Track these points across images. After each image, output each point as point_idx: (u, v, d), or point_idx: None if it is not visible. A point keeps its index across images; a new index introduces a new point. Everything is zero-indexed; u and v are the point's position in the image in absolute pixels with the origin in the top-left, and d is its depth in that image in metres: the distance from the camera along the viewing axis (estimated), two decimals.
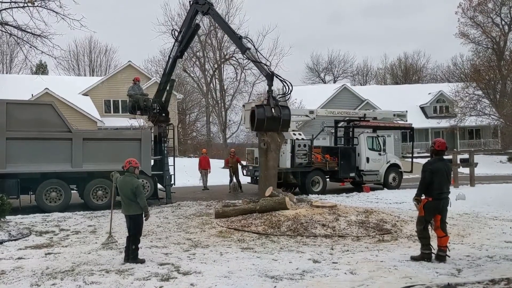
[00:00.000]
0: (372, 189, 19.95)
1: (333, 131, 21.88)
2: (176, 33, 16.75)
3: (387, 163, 20.63)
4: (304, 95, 41.25)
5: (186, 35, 16.44)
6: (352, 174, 19.82)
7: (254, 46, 15.48)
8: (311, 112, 20.47)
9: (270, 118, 13.24)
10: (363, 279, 6.88)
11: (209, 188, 20.72)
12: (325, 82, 68.57)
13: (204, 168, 21.15)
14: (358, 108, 37.30)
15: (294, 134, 18.70)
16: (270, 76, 14.01)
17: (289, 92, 13.95)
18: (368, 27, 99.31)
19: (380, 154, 20.46)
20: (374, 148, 20.42)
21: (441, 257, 7.85)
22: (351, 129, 20.73)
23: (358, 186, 20.14)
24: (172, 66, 17.03)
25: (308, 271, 7.36)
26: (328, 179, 19.79)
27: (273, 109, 13.41)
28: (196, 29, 16.81)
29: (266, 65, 14.72)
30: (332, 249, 9.00)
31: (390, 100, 41.42)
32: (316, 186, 18.96)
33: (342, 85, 45.73)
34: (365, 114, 21.49)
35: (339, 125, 21.68)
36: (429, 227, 7.98)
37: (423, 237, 7.98)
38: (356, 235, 10.19)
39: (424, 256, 7.92)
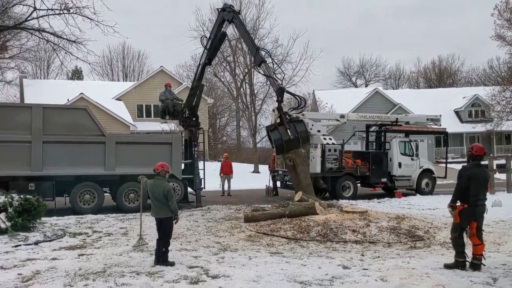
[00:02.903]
0: (404, 194, 19.57)
1: (364, 135, 21.61)
2: (205, 40, 16.92)
3: (420, 168, 20.20)
4: (335, 99, 40.96)
5: (213, 42, 16.60)
6: (384, 180, 19.50)
7: (270, 57, 15.68)
8: (342, 116, 20.27)
9: (288, 140, 13.14)
10: (394, 286, 6.74)
11: (232, 194, 20.09)
12: (356, 86, 67.93)
13: (226, 173, 20.50)
14: (390, 113, 36.77)
15: (325, 139, 18.55)
16: (280, 92, 14.01)
17: (303, 106, 13.81)
18: (400, 29, 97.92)
19: (412, 159, 20.07)
20: (407, 153, 20.04)
21: (476, 266, 7.60)
22: (383, 134, 20.42)
23: (390, 192, 19.79)
24: (201, 73, 17.24)
25: (338, 277, 7.27)
26: (359, 185, 19.53)
27: (288, 129, 13.30)
28: (222, 37, 16.93)
29: (277, 79, 14.69)
30: (363, 255, 8.86)
31: (423, 104, 40.70)
32: (346, 192, 18.74)
33: (374, 89, 45.20)
34: (397, 119, 21.14)
35: (371, 129, 21.40)
36: (464, 234, 7.75)
37: (458, 245, 7.76)
38: (387, 241, 10.01)
39: (458, 264, 7.69)
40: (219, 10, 16.56)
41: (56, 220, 13.08)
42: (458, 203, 7.75)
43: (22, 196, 10.95)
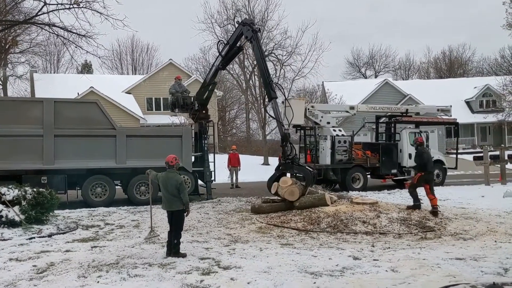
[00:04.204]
0: None
1: (374, 127, 21.52)
2: (221, 46, 16.78)
3: None
4: (344, 91, 40.75)
5: (228, 53, 16.49)
6: (394, 171, 19.43)
7: (283, 93, 15.72)
8: (352, 107, 20.20)
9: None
10: (405, 277, 6.76)
11: (241, 186, 20.24)
12: (366, 77, 67.51)
13: (234, 165, 20.53)
14: (400, 103, 36.53)
15: (334, 130, 18.52)
16: (285, 137, 14.33)
17: (291, 157, 14.27)
18: (410, 18, 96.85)
19: None
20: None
21: (435, 213, 11.30)
22: (392, 125, 20.29)
23: (400, 183, 19.74)
24: (214, 75, 17.25)
25: (348, 268, 7.30)
26: (369, 176, 19.49)
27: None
28: (238, 51, 16.85)
29: (284, 125, 14.90)
30: (373, 246, 8.88)
31: (434, 94, 40.37)
32: (356, 183, 18.72)
33: (384, 80, 44.91)
34: (407, 109, 21.00)
35: (381, 120, 21.29)
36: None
37: (414, 195, 11.93)
38: (397, 232, 10.01)
39: (416, 206, 11.66)
40: (239, 22, 16.18)
41: (69, 213, 13.24)
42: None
43: (35, 189, 11.10)
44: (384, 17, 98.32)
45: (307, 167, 14.47)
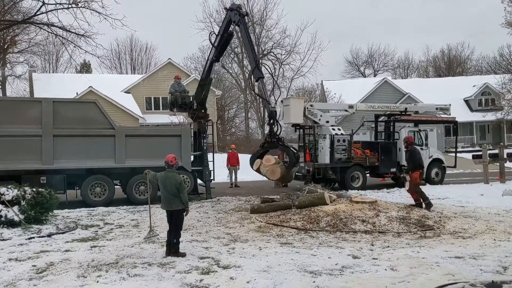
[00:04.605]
0: None
1: (373, 125, 21.52)
2: (214, 37, 16.76)
3: (429, 158, 20.11)
4: (343, 90, 40.80)
5: (220, 41, 16.51)
6: (393, 170, 19.45)
7: (270, 72, 15.66)
8: (351, 106, 20.21)
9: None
10: (404, 275, 6.77)
11: (240, 185, 20.14)
12: (365, 76, 67.51)
13: (233, 164, 20.41)
14: (399, 102, 36.56)
15: (333, 129, 18.53)
16: (272, 115, 14.44)
17: (278, 134, 14.44)
18: (409, 15, 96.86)
19: (422, 149, 19.93)
20: (416, 142, 19.91)
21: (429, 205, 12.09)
22: (392, 124, 20.32)
23: (399, 182, 19.74)
24: (209, 68, 17.27)
25: (348, 266, 7.31)
26: (368, 175, 19.50)
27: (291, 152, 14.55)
28: (228, 38, 16.74)
29: (270, 104, 15.05)
30: (372, 245, 8.89)
31: (433, 93, 40.39)
32: (356, 182, 18.73)
33: (383, 79, 44.93)
34: (406, 108, 21.01)
35: (380, 119, 21.30)
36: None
37: (424, 195, 12.25)
38: (397, 231, 10.02)
39: (430, 204, 12.07)
40: (227, 9, 16.28)
41: (68, 212, 13.24)
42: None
43: (34, 189, 11.09)
44: (383, 15, 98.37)
45: (292, 148, 14.60)
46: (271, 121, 14.40)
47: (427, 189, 17.94)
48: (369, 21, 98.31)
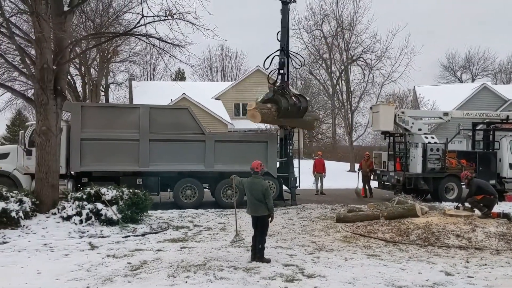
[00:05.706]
0: None
1: (470, 134, 20.25)
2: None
3: None
4: (438, 96, 38.82)
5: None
6: (492, 182, 18.07)
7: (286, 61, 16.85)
8: (445, 114, 19.23)
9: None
10: None
11: (326, 193, 19.90)
12: (461, 81, 63.73)
13: (319, 171, 20.23)
14: (500, 109, 34.05)
15: (426, 138, 17.73)
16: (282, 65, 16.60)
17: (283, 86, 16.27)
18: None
19: None
20: None
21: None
22: (491, 132, 18.99)
23: (499, 195, 18.33)
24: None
25: (440, 283, 6.93)
26: (464, 186, 18.33)
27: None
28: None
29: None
30: (468, 262, 8.35)
31: None
32: (450, 193, 17.74)
33: (482, 84, 42.08)
34: (508, 116, 19.53)
35: (478, 127, 20.00)
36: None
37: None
38: (495, 248, 9.32)
39: (487, 213, 11.47)
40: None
41: (161, 213, 13.90)
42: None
43: (131, 190, 11.81)
44: (480, 12, 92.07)
45: (293, 96, 16.32)
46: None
47: None
48: (466, 20, 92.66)
